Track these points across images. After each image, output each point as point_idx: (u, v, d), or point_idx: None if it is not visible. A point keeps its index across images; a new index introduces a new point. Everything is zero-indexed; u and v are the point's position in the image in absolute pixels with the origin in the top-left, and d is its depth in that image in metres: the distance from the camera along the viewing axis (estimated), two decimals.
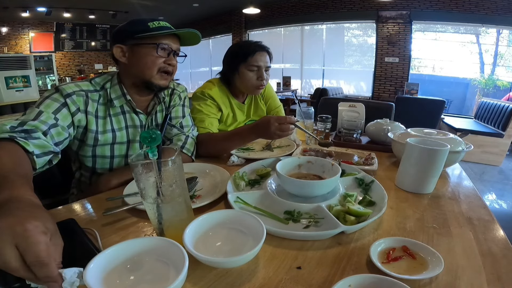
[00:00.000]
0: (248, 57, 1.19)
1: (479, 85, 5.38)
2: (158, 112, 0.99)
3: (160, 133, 0.49)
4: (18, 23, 7.15)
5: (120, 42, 0.84)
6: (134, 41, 0.83)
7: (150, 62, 0.84)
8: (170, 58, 0.87)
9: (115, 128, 0.89)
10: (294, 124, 0.91)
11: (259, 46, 1.22)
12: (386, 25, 5.27)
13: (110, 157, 0.91)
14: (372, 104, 1.76)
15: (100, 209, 0.66)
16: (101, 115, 0.87)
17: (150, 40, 0.82)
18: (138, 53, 0.84)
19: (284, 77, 6.26)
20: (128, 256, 0.45)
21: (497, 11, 4.41)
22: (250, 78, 1.21)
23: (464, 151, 0.89)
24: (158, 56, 0.84)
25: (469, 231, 0.59)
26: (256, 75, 1.22)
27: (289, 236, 0.56)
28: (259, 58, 1.20)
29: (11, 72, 4.48)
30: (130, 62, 0.85)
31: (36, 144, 0.66)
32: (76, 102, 0.80)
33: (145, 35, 0.81)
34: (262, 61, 1.21)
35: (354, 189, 0.76)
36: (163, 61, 0.85)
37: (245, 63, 1.20)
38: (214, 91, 1.22)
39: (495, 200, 2.68)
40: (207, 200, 0.69)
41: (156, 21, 0.85)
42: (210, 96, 1.20)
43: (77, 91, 0.81)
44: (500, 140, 3.49)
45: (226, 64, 1.26)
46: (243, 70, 1.21)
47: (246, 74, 1.21)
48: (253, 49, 1.20)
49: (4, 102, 4.13)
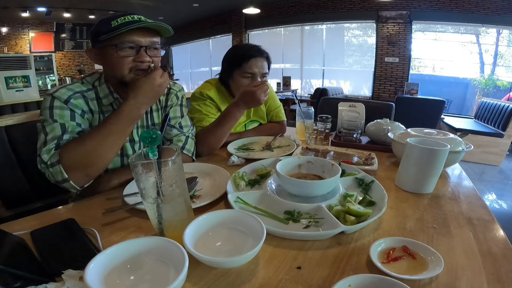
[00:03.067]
0: (242, 63, 1.15)
1: (479, 85, 5.38)
2: (154, 111, 0.98)
3: (160, 133, 0.49)
4: (18, 23, 7.14)
5: (92, 45, 0.81)
6: (100, 44, 0.78)
7: (116, 63, 0.79)
8: (141, 54, 0.79)
9: None
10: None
11: (257, 51, 1.17)
12: (386, 25, 5.27)
13: None
14: (372, 104, 1.76)
15: (100, 209, 0.67)
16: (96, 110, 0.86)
17: (110, 41, 0.76)
18: (105, 56, 0.79)
19: (284, 77, 6.26)
20: (128, 256, 0.45)
21: (497, 11, 4.41)
22: (243, 85, 1.15)
23: (464, 151, 0.89)
24: (122, 56, 0.77)
25: (469, 231, 0.59)
26: (250, 82, 1.17)
27: (289, 236, 0.56)
28: (254, 64, 1.16)
29: (11, 72, 4.48)
30: (103, 64, 0.82)
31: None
32: (76, 105, 0.79)
33: (103, 37, 0.76)
34: (258, 67, 1.16)
35: (354, 189, 0.76)
36: (133, 59, 0.79)
37: (239, 70, 1.17)
38: (213, 92, 1.21)
39: (495, 200, 2.68)
40: (207, 200, 0.69)
41: (122, 17, 0.78)
42: (208, 97, 1.19)
43: (72, 95, 0.80)
44: (500, 140, 3.49)
45: (223, 67, 1.25)
46: (237, 77, 1.18)
47: (239, 81, 1.18)
48: (249, 55, 1.15)
49: (4, 102, 4.13)
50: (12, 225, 0.61)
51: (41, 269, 0.46)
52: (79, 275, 0.42)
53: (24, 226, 0.60)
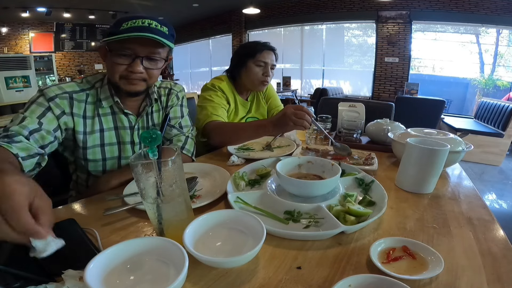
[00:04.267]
0: (256, 53, 1.29)
1: (479, 85, 5.38)
2: (154, 112, 0.97)
3: (160, 133, 0.49)
4: (18, 23, 7.15)
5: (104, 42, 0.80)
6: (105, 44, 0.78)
7: (110, 67, 0.80)
8: (135, 64, 0.77)
9: (104, 128, 0.88)
10: (310, 116, 0.93)
11: (267, 46, 1.33)
12: (386, 25, 5.27)
13: (102, 160, 0.90)
14: (372, 104, 1.76)
15: (100, 209, 0.66)
16: (90, 115, 0.85)
17: (112, 45, 0.76)
18: (106, 57, 0.80)
19: (284, 77, 6.26)
20: (128, 256, 0.45)
21: (497, 11, 4.41)
22: (257, 73, 1.30)
23: (464, 151, 0.89)
24: (117, 63, 0.77)
25: (469, 231, 0.59)
26: (262, 70, 1.31)
27: (289, 236, 0.56)
28: (267, 55, 1.30)
29: (11, 72, 4.48)
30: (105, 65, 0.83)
31: (19, 147, 0.67)
32: (59, 105, 0.79)
33: (107, 39, 0.76)
34: (269, 58, 1.31)
35: (354, 189, 0.76)
36: (126, 68, 0.78)
37: (253, 59, 1.30)
38: (224, 85, 1.31)
39: (495, 200, 2.68)
40: (207, 200, 0.69)
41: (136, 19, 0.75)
42: (220, 89, 1.28)
43: (60, 94, 0.79)
44: (500, 140, 3.49)
45: (235, 60, 1.35)
46: (250, 65, 1.30)
47: (253, 69, 1.30)
48: (262, 47, 1.30)
49: (4, 102, 4.12)
50: None
51: (41, 269, 0.46)
52: (79, 275, 0.42)
53: None
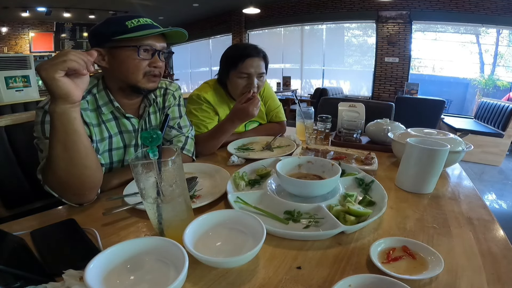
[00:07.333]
0: (238, 63, 1.13)
1: (479, 85, 5.38)
2: (152, 114, 0.95)
3: (160, 133, 0.49)
4: (18, 23, 7.14)
5: (97, 45, 0.76)
6: (112, 44, 0.75)
7: (133, 67, 0.77)
8: (155, 59, 0.79)
9: (112, 134, 0.86)
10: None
11: (253, 50, 1.15)
12: (386, 25, 5.27)
13: (109, 164, 0.89)
14: (372, 104, 1.76)
15: (100, 209, 0.67)
16: (95, 123, 0.82)
17: (129, 42, 0.74)
18: (118, 57, 0.76)
19: (284, 77, 6.27)
20: (128, 256, 0.45)
21: (497, 11, 4.41)
22: (239, 85, 1.15)
23: (464, 151, 0.89)
24: (141, 59, 0.77)
25: (469, 231, 0.59)
26: (246, 82, 1.15)
27: (289, 236, 0.56)
28: (250, 64, 1.13)
29: (11, 72, 4.47)
30: (111, 67, 0.78)
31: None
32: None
33: (123, 37, 0.73)
34: (254, 67, 1.13)
35: (354, 189, 0.76)
36: (148, 64, 0.79)
37: (235, 70, 1.14)
38: (210, 95, 1.20)
39: (495, 200, 2.68)
40: (207, 200, 0.69)
41: (135, 18, 0.77)
42: (206, 100, 1.18)
43: None
44: (500, 140, 3.49)
45: (220, 68, 1.23)
46: (233, 78, 1.16)
47: (235, 81, 1.16)
48: (246, 54, 1.13)
49: (4, 102, 4.12)
50: (12, 225, 0.61)
51: (41, 269, 0.46)
52: (79, 275, 0.42)
53: (24, 226, 0.60)
